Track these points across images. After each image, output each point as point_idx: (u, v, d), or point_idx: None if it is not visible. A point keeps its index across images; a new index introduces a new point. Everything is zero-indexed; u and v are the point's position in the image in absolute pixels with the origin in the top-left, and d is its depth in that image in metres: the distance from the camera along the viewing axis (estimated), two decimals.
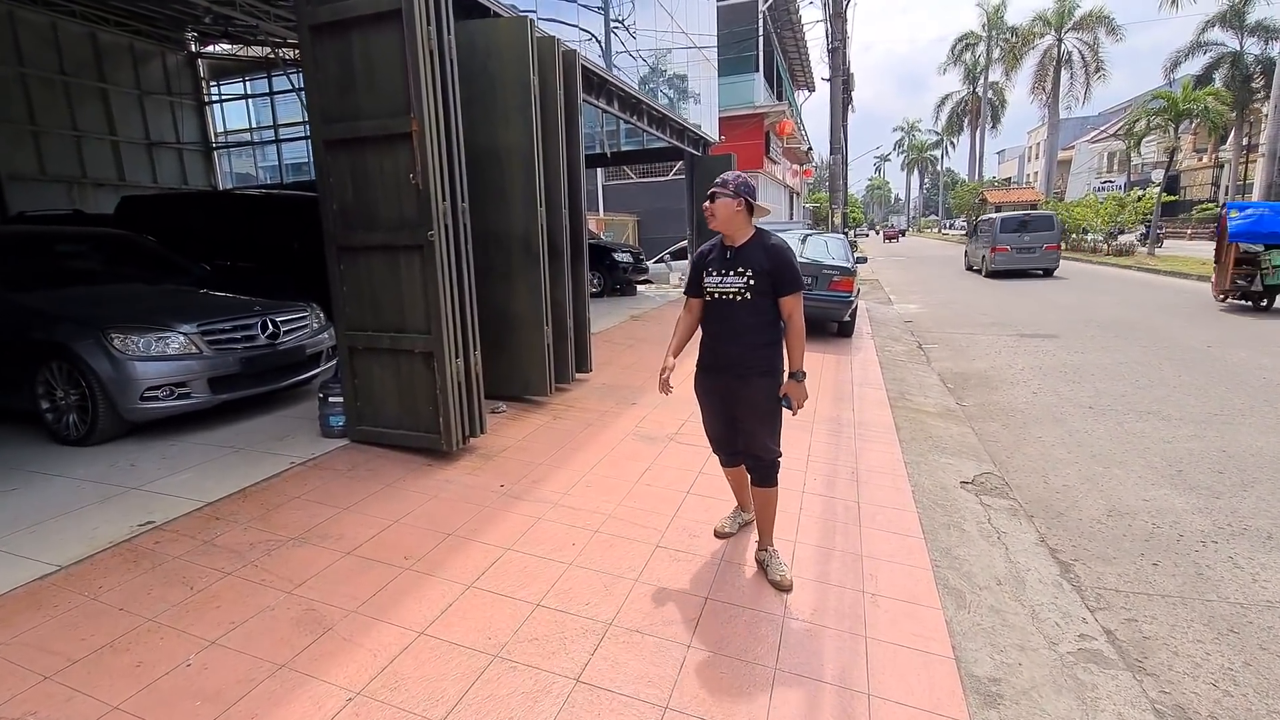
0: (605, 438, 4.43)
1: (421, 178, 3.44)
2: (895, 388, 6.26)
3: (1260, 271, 9.88)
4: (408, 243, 3.58)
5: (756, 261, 2.47)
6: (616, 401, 5.28)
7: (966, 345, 8.71)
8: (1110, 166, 47.60)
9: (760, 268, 2.46)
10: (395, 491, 3.42)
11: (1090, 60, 29.92)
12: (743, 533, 3.14)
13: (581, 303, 5.64)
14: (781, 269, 2.47)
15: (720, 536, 3.07)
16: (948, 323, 10.66)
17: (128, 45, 15.38)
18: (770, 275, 2.47)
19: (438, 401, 3.71)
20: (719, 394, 2.68)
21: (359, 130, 3.55)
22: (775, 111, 21.93)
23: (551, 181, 5.03)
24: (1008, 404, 5.92)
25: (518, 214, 4.73)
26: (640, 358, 7.00)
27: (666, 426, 4.71)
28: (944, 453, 4.50)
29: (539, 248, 4.77)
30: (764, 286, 2.46)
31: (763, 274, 2.45)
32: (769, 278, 2.46)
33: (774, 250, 2.49)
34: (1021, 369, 7.23)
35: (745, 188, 2.50)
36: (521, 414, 4.85)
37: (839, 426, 4.91)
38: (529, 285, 4.82)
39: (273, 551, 2.77)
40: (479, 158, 4.71)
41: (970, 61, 43.02)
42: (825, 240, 9.23)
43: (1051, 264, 16.87)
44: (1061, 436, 4.99)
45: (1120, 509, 3.71)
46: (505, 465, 3.85)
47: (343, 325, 3.88)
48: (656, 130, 10.90)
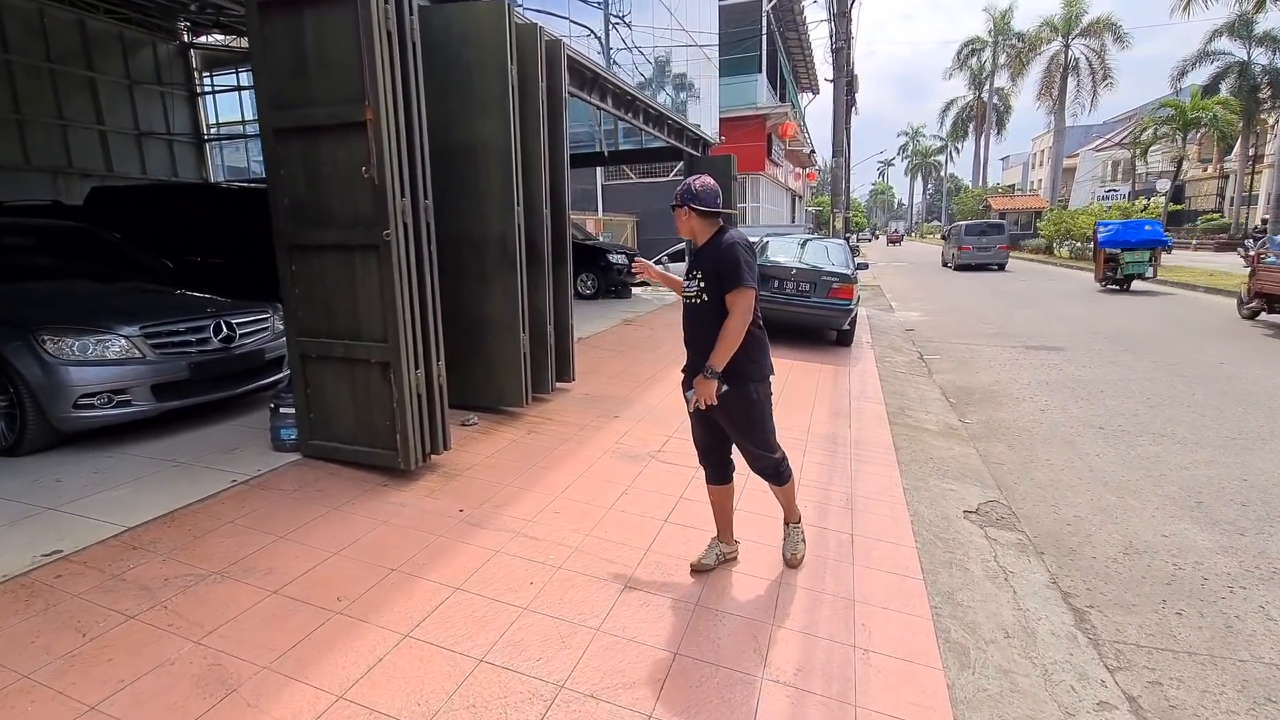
0: (582, 455, 4.12)
1: (377, 171, 3.13)
2: (895, 402, 5.95)
3: (1119, 265, 14.80)
4: (363, 242, 3.27)
5: (708, 263, 2.44)
6: (598, 414, 4.97)
7: (970, 357, 8.40)
8: (1114, 175, 47.27)
9: (710, 269, 2.42)
10: (341, 516, 3.10)
11: (1097, 67, 29.62)
12: (721, 569, 2.83)
13: (564, 309, 5.33)
14: (721, 265, 2.39)
15: (697, 572, 2.77)
16: (950, 332, 10.35)
17: (117, 34, 15.07)
18: (716, 274, 2.40)
19: (394, 416, 3.39)
20: None
21: (311, 118, 3.24)
22: (778, 113, 21.63)
23: (531, 179, 4.72)
24: (1013, 422, 5.60)
25: (494, 213, 4.42)
26: (628, 366, 6.69)
27: (649, 443, 4.39)
28: (946, 477, 4.19)
29: (516, 250, 4.46)
30: (716, 288, 2.40)
31: (711, 274, 2.41)
32: (716, 276, 2.40)
33: (720, 248, 2.42)
34: (1027, 384, 6.92)
35: (689, 195, 2.46)
36: (494, 427, 4.53)
37: (835, 445, 4.59)
38: (505, 290, 4.51)
39: (189, 589, 2.46)
40: (452, 152, 4.40)
41: (976, 67, 42.75)
42: (825, 245, 8.92)
43: (1002, 259, 22.28)
44: (1071, 460, 4.67)
45: (1138, 546, 3.40)
46: (468, 486, 3.54)
47: (294, 331, 3.57)
48: (654, 129, 10.60)
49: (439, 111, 4.36)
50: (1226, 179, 36.65)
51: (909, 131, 78.11)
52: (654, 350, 7.63)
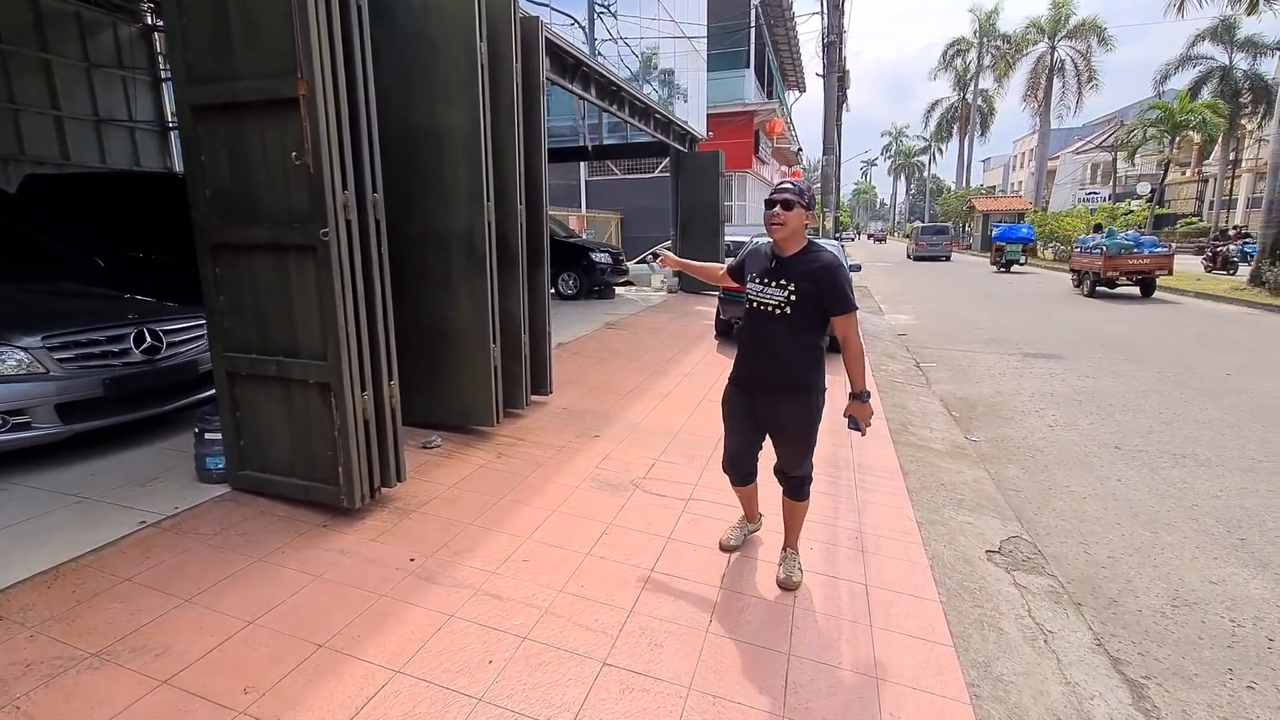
0: (557, 484, 3.65)
1: (312, 158, 2.63)
2: (896, 416, 5.55)
3: (1003, 254, 22.50)
4: (298, 242, 2.77)
5: (803, 278, 2.35)
6: (577, 433, 4.50)
7: (967, 365, 8.05)
8: (1094, 178, 47.73)
9: (806, 286, 2.35)
10: (266, 570, 2.60)
11: (1083, 69, 29.65)
12: (719, 651, 2.38)
13: (540, 315, 4.85)
14: (828, 290, 2.34)
15: (726, 550, 2.94)
16: (944, 338, 10.02)
17: (74, 13, 14.21)
18: (816, 296, 2.35)
19: (336, 445, 2.90)
20: (749, 411, 2.58)
21: (236, 94, 2.73)
22: (766, 110, 21.24)
23: (504, 171, 4.23)
24: (1024, 440, 5.23)
25: (460, 209, 3.93)
26: (610, 375, 6.22)
27: (633, 468, 3.94)
28: (961, 507, 3.79)
29: (486, 250, 3.97)
30: (808, 305, 2.36)
31: (807, 293, 2.35)
32: (814, 298, 2.35)
33: (823, 270, 2.35)
34: (1031, 395, 6.57)
35: (804, 194, 2.38)
36: (460, 449, 4.05)
37: (837, 469, 4.17)
38: (473, 295, 4.02)
39: (55, 679, 1.96)
40: (415, 141, 3.90)
41: (961, 68, 42.77)
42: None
43: (947, 253, 29.61)
44: (1092, 486, 4.30)
45: (1185, 596, 3.01)
46: (424, 526, 3.05)
47: (220, 345, 3.05)
48: (640, 123, 10.13)
49: (399, 94, 3.86)
50: (1206, 183, 37.06)
51: (893, 131, 78.42)
52: (637, 358, 7.17)
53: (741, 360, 2.56)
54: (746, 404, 2.55)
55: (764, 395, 2.50)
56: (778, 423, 2.52)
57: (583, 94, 7.59)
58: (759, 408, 2.53)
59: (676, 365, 6.94)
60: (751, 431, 2.59)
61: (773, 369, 2.44)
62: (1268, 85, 28.53)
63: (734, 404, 2.60)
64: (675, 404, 5.40)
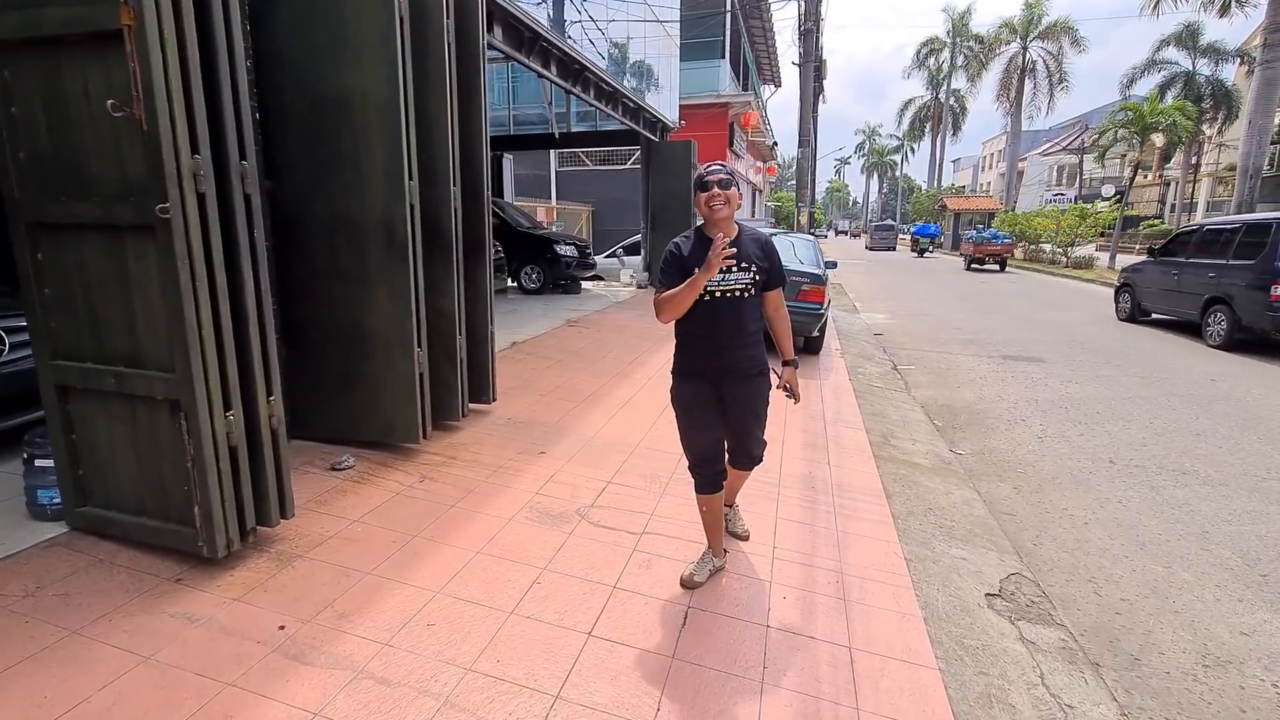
0: (487, 515, 3.08)
1: (144, 110, 2.01)
2: (876, 426, 5.10)
3: (919, 244, 32.67)
4: (132, 220, 2.15)
5: (756, 256, 2.36)
6: (520, 449, 3.93)
7: (946, 368, 7.68)
8: (1060, 179, 48.49)
9: (762, 264, 2.37)
10: (78, 648, 1.99)
11: (1054, 70, 29.83)
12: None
13: (481, 312, 4.27)
14: (776, 263, 2.43)
15: (687, 586, 2.59)
16: (922, 338, 9.66)
17: None
18: (767, 271, 2.39)
19: (191, 478, 2.29)
20: (713, 402, 2.45)
21: (46, 24, 2.09)
22: (741, 102, 20.76)
23: (434, 148, 3.63)
24: (1012, 453, 4.82)
25: (376, 191, 3.32)
26: (566, 379, 5.66)
27: (579, 493, 3.39)
28: (953, 537, 3.33)
29: (408, 239, 3.37)
30: (761, 282, 2.38)
31: (764, 270, 2.37)
32: (765, 273, 2.38)
33: (768, 244, 2.42)
34: (1015, 401, 6.20)
35: (732, 173, 2.37)
36: (376, 471, 3.45)
37: (814, 491, 3.68)
38: (393, 292, 3.42)
39: None
40: (321, 109, 3.29)
41: (934, 67, 42.93)
42: (792, 242, 8.04)
43: (892, 245, 37.80)
44: (1092, 508, 3.89)
45: (1216, 652, 2.58)
46: (308, 579, 2.46)
47: (46, 350, 2.41)
48: (607, 108, 9.55)
49: (300, 50, 3.24)
50: (1168, 186, 37.80)
51: (866, 130, 78.94)
52: (599, 360, 6.61)
53: (700, 352, 2.40)
54: (711, 397, 2.43)
55: (736, 383, 2.40)
56: (749, 408, 2.46)
57: (542, 72, 6.97)
58: (727, 397, 2.42)
59: (640, 368, 6.41)
60: (718, 426, 2.48)
61: (747, 354, 2.37)
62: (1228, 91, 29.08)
63: (696, 400, 2.44)
64: (636, 413, 4.87)
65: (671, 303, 2.24)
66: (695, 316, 2.33)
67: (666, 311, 2.27)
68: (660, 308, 2.28)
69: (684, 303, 2.23)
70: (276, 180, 3.38)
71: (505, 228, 10.89)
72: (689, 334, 2.40)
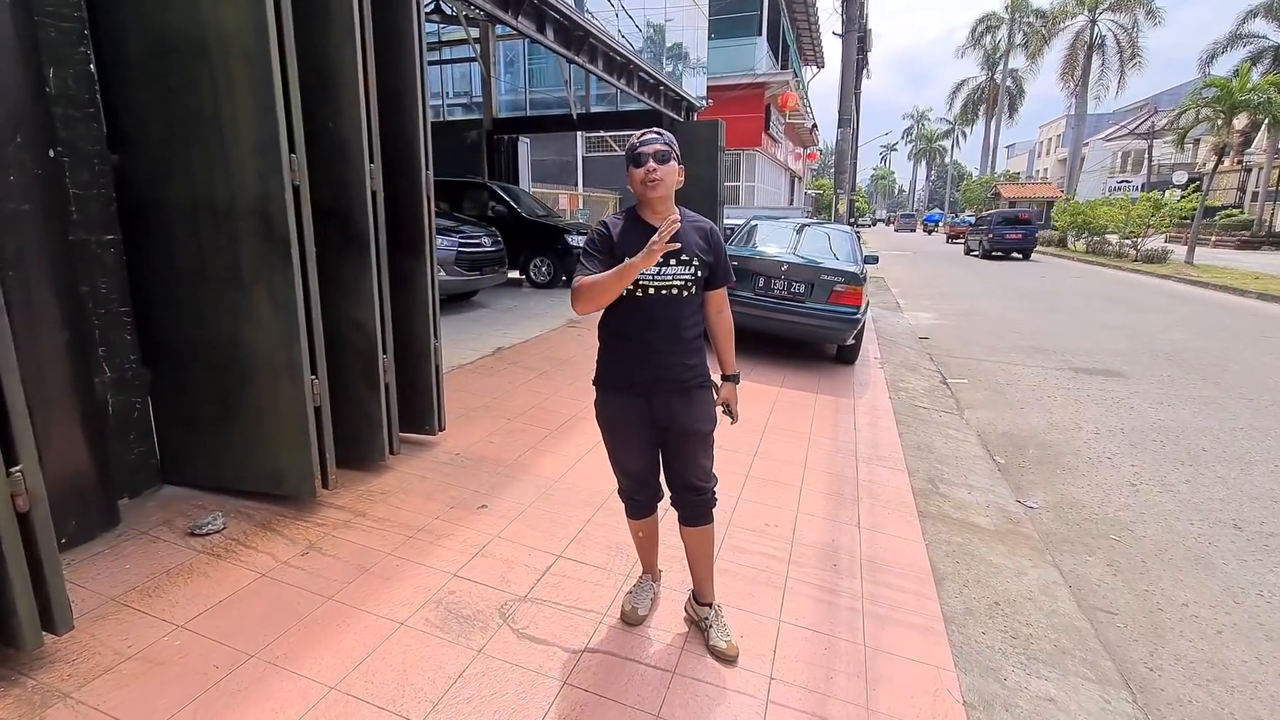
0: (373, 616, 2.23)
1: None
2: (922, 465, 4.09)
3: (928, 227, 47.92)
4: None
5: (698, 247, 1.97)
6: (455, 501, 3.08)
7: (1006, 382, 6.54)
8: (1124, 166, 45.30)
9: (705, 257, 1.98)
10: None
11: (1125, 45, 27.40)
12: None
13: (421, 323, 3.43)
14: (722, 258, 2.05)
15: (630, 622, 2.24)
16: (974, 343, 8.49)
17: None
18: (711, 265, 2.01)
19: None
20: (645, 418, 2.03)
21: None
22: (778, 82, 19.49)
23: (342, 111, 2.79)
24: (1100, 508, 3.76)
25: (245, 165, 2.49)
26: (546, 398, 4.79)
27: (515, 576, 2.51)
28: (1032, 657, 2.35)
29: (290, 230, 2.53)
30: (703, 279, 2.01)
31: (706, 265, 1.99)
32: (709, 269, 2.01)
33: (714, 235, 2.03)
34: (1095, 430, 5.08)
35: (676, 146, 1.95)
36: (250, 537, 2.64)
37: (836, 572, 2.73)
38: (274, 299, 2.59)
39: None
40: (169, 52, 2.46)
41: (990, 46, 40.36)
42: (827, 233, 7.00)
43: (913, 227, 48.58)
44: (1223, 604, 2.84)
45: None
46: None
47: None
48: (620, 81, 8.60)
49: None
50: (1249, 172, 34.70)
51: (914, 114, 75.63)
52: (589, 371, 5.71)
53: (631, 358, 2.01)
54: (642, 412, 2.04)
55: (668, 396, 2.02)
56: (686, 426, 2.04)
57: (536, 36, 6.06)
58: (660, 413, 2.03)
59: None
60: (651, 445, 2.11)
61: (681, 362, 2.01)
62: None
63: (626, 415, 2.06)
64: None
65: (592, 291, 1.82)
66: (622, 314, 1.97)
67: (584, 301, 1.84)
68: (577, 296, 1.85)
69: (608, 293, 1.83)
70: (126, 153, 2.58)
71: (513, 216, 10.09)
72: (615, 335, 2.02)
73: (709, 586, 2.22)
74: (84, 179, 2.48)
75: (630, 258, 1.75)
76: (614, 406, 2.07)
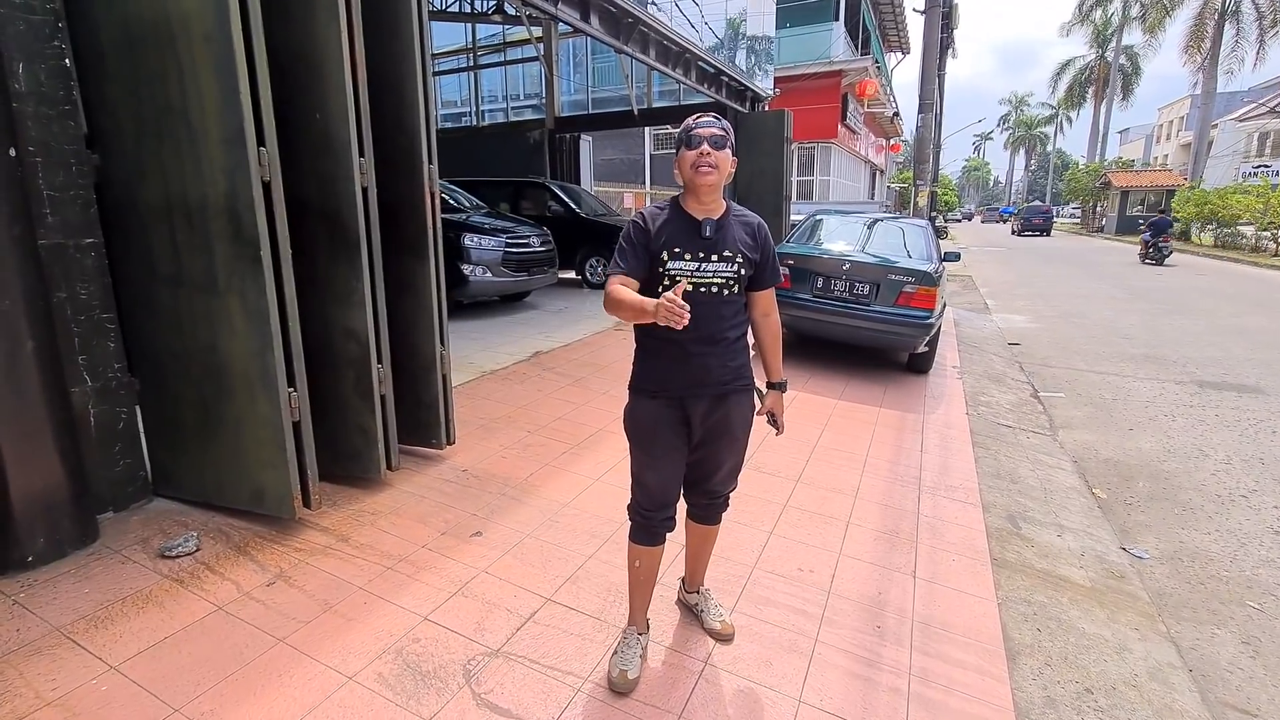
0: (320, 666, 1.97)
1: None
2: (1001, 498, 3.48)
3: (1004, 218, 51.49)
4: None
5: (743, 244, 1.85)
6: (448, 526, 2.80)
7: (1113, 397, 5.66)
8: (1262, 149, 40.16)
9: (750, 255, 1.86)
10: None
11: (1266, 10, 24.15)
12: None
13: (426, 330, 3.19)
14: (770, 257, 1.92)
15: (619, 690, 1.90)
16: (1075, 350, 7.49)
17: None
18: (757, 264, 1.89)
19: None
20: (679, 428, 1.90)
21: None
22: (856, 69, 18.41)
23: (315, 99, 2.56)
24: (1231, 563, 3.04)
25: (213, 161, 2.29)
26: (576, 408, 4.47)
27: (492, 623, 2.19)
28: None
29: (259, 230, 2.31)
30: (747, 278, 1.89)
31: (751, 263, 1.87)
32: (754, 266, 1.89)
33: (761, 230, 1.92)
34: (1226, 459, 4.23)
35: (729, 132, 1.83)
36: (220, 562, 2.45)
37: (878, 635, 2.24)
38: (246, 306, 2.39)
39: None
40: (135, 40, 2.30)
41: (1100, 20, 36.83)
42: (900, 228, 6.32)
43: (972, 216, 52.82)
44: None
45: None
46: None
47: None
48: (677, 72, 8.20)
49: None
50: None
51: (1012, 100, 70.53)
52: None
53: (670, 361, 1.86)
54: (677, 421, 1.89)
55: (709, 401, 1.87)
56: (724, 432, 1.92)
57: (579, 24, 5.76)
58: (696, 419, 1.89)
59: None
60: (678, 458, 1.94)
61: (724, 364, 1.87)
62: None
63: (658, 424, 1.89)
64: None
65: (616, 307, 1.73)
66: None
67: (609, 309, 1.76)
68: (606, 300, 1.77)
69: (626, 316, 1.73)
70: (105, 152, 2.45)
71: (570, 215, 9.90)
72: (650, 336, 1.88)
73: (701, 578, 2.26)
74: (59, 180, 2.36)
75: (669, 252, 1.76)
76: (645, 412, 1.92)
